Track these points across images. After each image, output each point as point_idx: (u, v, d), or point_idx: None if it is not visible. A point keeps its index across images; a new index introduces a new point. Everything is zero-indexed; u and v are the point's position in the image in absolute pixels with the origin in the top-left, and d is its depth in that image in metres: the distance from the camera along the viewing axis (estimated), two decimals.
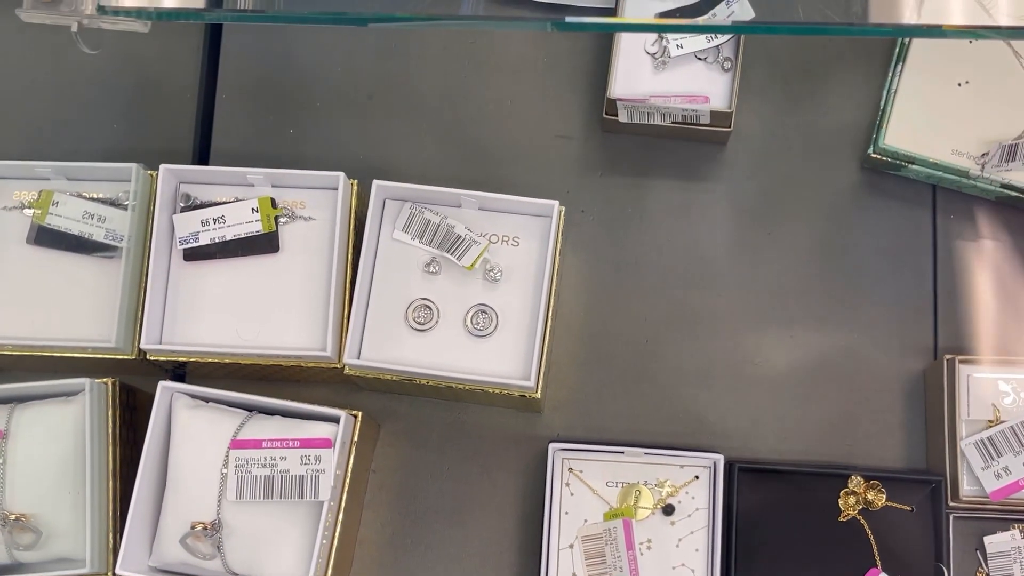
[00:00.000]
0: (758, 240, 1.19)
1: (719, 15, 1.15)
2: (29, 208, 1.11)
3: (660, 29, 1.15)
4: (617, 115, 1.17)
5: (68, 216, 1.10)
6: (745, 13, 1.13)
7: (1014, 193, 1.14)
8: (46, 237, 1.10)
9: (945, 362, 1.09)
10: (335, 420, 1.04)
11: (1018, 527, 1.08)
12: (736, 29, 1.14)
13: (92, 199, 1.11)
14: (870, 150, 1.16)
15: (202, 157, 1.23)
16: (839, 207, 1.19)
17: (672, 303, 1.18)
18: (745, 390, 1.16)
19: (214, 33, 1.25)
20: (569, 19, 1.15)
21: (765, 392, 1.16)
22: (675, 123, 1.17)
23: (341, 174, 1.08)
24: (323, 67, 1.24)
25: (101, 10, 0.86)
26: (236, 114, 1.23)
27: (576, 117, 1.23)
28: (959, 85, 1.16)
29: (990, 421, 1.07)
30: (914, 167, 1.15)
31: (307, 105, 1.23)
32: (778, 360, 1.16)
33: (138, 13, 0.86)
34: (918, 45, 1.16)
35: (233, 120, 1.23)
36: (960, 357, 1.08)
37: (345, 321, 1.07)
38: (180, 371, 1.17)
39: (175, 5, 0.90)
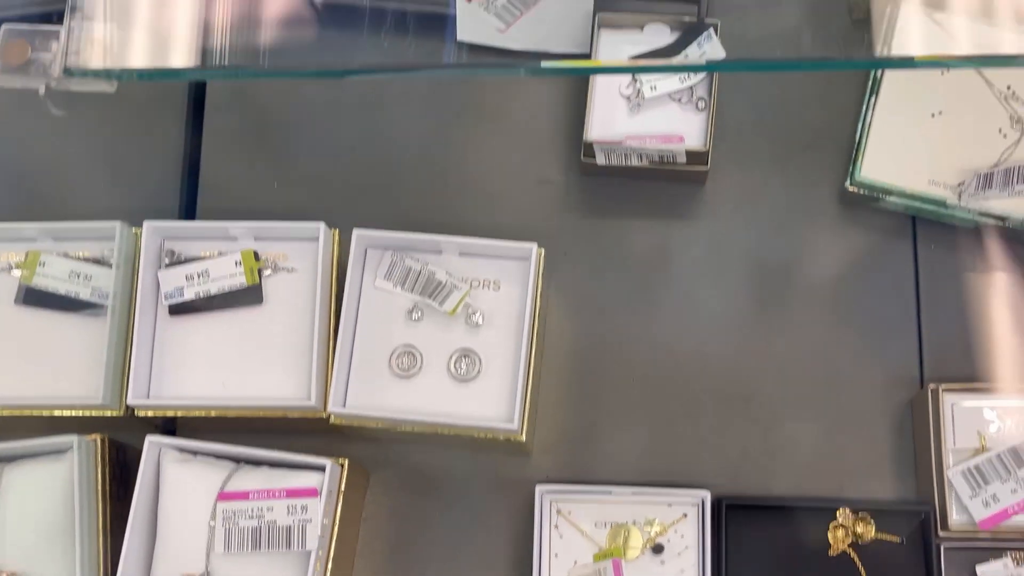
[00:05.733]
0: (740, 277, 1.20)
1: (691, 55, 1.16)
2: (17, 269, 1.13)
3: (631, 70, 1.16)
4: (595, 158, 1.18)
5: (54, 276, 1.12)
6: (716, 52, 1.15)
7: (993, 221, 1.14)
8: (34, 297, 1.12)
9: (930, 391, 1.09)
10: (321, 469, 1.05)
11: (1011, 555, 1.07)
12: (707, 67, 1.15)
13: (78, 258, 1.12)
14: (847, 183, 1.17)
15: (189, 212, 1.24)
16: (821, 241, 1.20)
17: (657, 341, 1.19)
18: (733, 425, 1.16)
19: (198, 88, 1.28)
20: (545, 64, 1.18)
21: (753, 427, 1.16)
22: (653, 163, 1.18)
23: (321, 224, 1.10)
24: (306, 118, 1.26)
25: (68, 72, 0.88)
26: (222, 168, 1.25)
27: (557, 161, 1.24)
28: (932, 116, 1.16)
29: (976, 449, 1.07)
30: (892, 198, 1.16)
31: (291, 157, 1.25)
32: (765, 394, 1.17)
33: (105, 74, 0.88)
34: (891, 77, 1.17)
35: (219, 174, 1.25)
36: (944, 386, 1.08)
37: (329, 370, 1.08)
38: (171, 425, 1.17)
39: (142, 65, 0.91)
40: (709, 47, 1.15)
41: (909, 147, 1.16)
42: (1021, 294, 1.16)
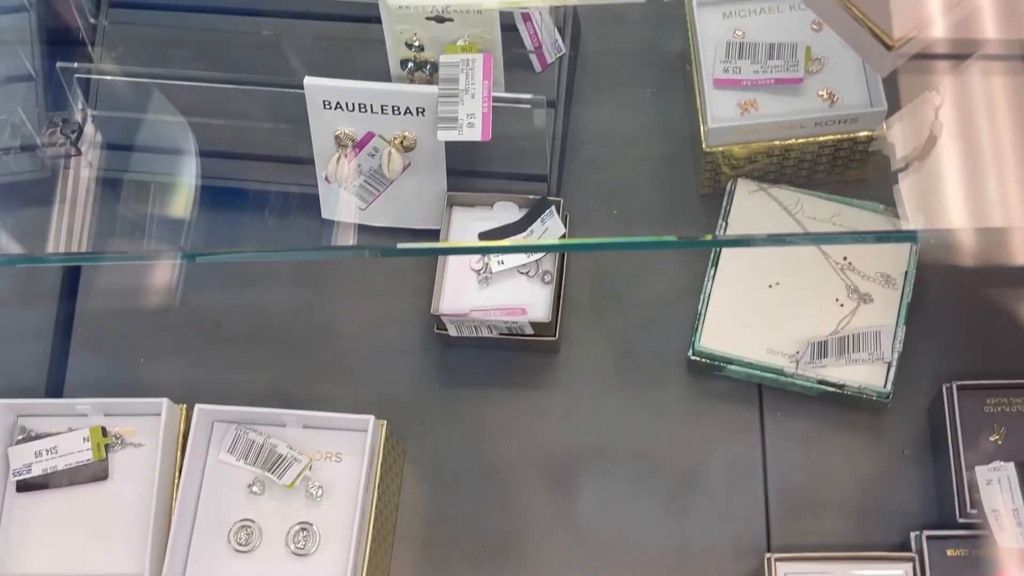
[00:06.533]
0: (593, 446, 1.22)
1: (535, 232, 1.21)
2: None
3: (479, 251, 1.21)
4: (447, 330, 1.21)
5: None
6: (557, 229, 1.19)
7: (831, 389, 1.16)
8: None
9: (765, 560, 1.09)
10: None
11: None
12: (549, 247, 1.19)
13: None
14: (689, 353, 1.19)
15: (56, 388, 1.27)
16: (670, 410, 1.22)
17: (510, 512, 1.20)
18: None
19: (72, 267, 1.32)
20: (401, 246, 1.23)
21: None
22: (503, 335, 1.21)
23: (165, 400, 1.12)
24: (175, 294, 1.30)
25: None
26: (90, 346, 1.28)
27: (416, 332, 1.27)
28: (770, 286, 1.20)
29: None
30: (733, 367, 1.18)
31: (158, 333, 1.28)
32: (612, 562, 1.17)
33: None
34: (729, 250, 1.21)
35: (87, 352, 1.28)
36: (776, 555, 1.08)
37: (166, 545, 1.09)
38: None
39: None
40: (551, 224, 1.20)
41: (748, 317, 1.18)
42: (861, 460, 1.18)
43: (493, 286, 1.21)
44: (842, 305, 1.19)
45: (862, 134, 1.17)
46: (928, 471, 1.17)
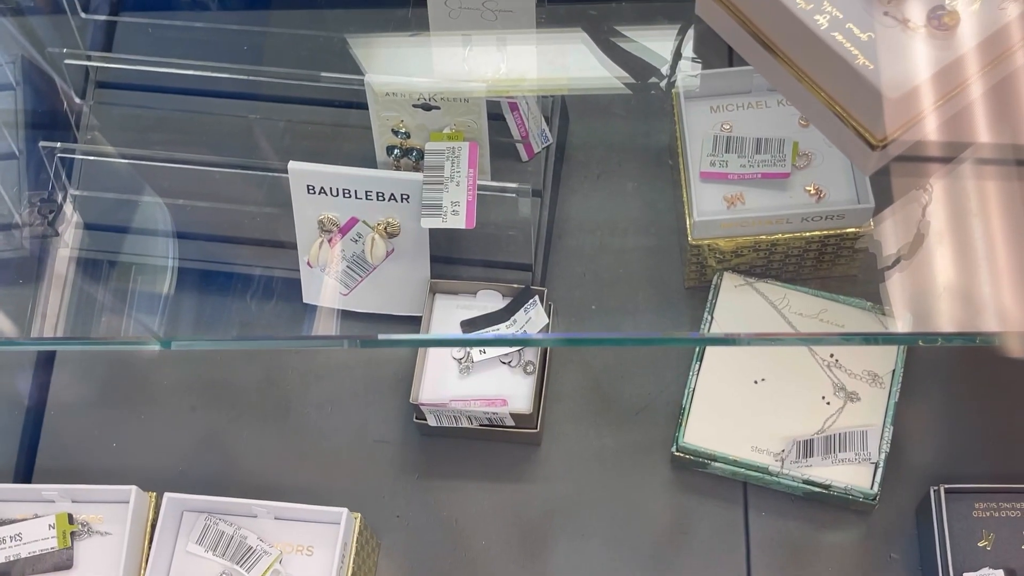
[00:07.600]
0: (573, 542, 1.19)
1: (519, 322, 1.19)
2: None
3: (461, 343, 1.19)
4: (427, 419, 1.19)
5: None
6: (540, 319, 1.18)
7: (817, 489, 1.14)
8: None
9: None
10: None
11: None
12: (532, 342, 1.18)
13: None
14: (673, 448, 1.17)
15: (26, 472, 1.24)
16: (651, 506, 1.19)
17: None
18: None
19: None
20: (382, 336, 1.21)
21: None
22: (483, 426, 1.19)
23: (133, 488, 1.09)
24: (152, 376, 1.27)
25: None
26: (63, 430, 1.25)
27: (395, 421, 1.25)
28: (756, 383, 1.18)
29: None
30: (717, 464, 1.16)
31: (132, 418, 1.26)
32: None
33: None
34: (715, 346, 1.19)
35: (60, 436, 1.25)
36: None
37: None
38: None
39: None
40: (534, 314, 1.18)
41: (732, 413, 1.16)
42: (847, 563, 1.15)
43: (474, 375, 1.19)
44: (828, 403, 1.17)
45: (849, 230, 1.16)
46: None
